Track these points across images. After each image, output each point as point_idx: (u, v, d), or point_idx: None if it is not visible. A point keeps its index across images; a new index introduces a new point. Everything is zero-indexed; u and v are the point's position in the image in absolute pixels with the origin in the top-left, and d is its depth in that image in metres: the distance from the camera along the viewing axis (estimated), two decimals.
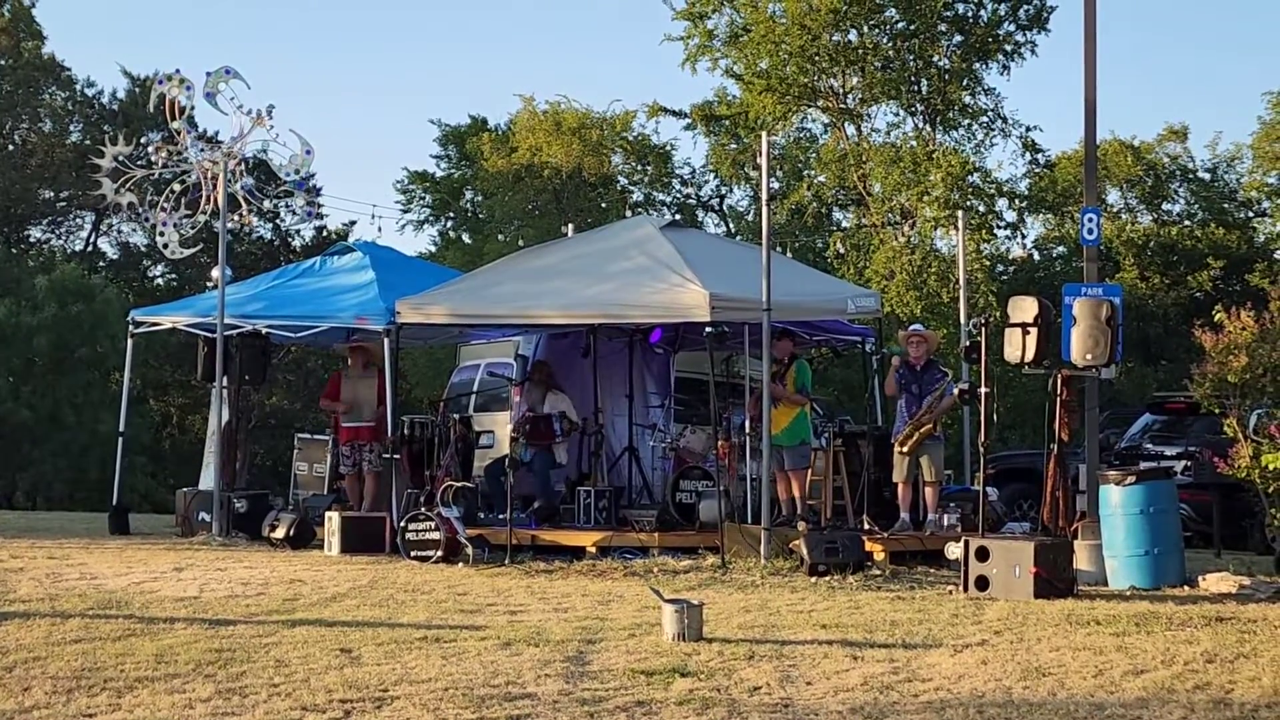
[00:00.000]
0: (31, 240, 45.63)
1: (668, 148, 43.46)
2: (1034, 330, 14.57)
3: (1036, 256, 41.88)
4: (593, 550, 16.08)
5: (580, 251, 19.92)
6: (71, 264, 40.91)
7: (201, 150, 23.20)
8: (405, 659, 10.42)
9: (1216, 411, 16.85)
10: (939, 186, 32.17)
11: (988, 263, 33.27)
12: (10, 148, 43.60)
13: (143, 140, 29.39)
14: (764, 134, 21.00)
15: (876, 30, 33.84)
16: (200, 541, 17.46)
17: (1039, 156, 36.76)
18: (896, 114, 35.36)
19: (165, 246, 23.79)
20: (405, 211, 46.40)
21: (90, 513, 21.28)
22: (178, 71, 23.02)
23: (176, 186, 22.35)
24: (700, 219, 42.64)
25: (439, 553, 15.44)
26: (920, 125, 34.82)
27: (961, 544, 14.02)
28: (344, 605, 12.73)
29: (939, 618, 12.30)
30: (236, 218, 22.58)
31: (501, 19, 73.10)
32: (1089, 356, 14.76)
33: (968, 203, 31.48)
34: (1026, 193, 37.57)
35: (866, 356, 21.00)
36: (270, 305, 19.79)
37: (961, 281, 21.09)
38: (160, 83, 23.29)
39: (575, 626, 11.68)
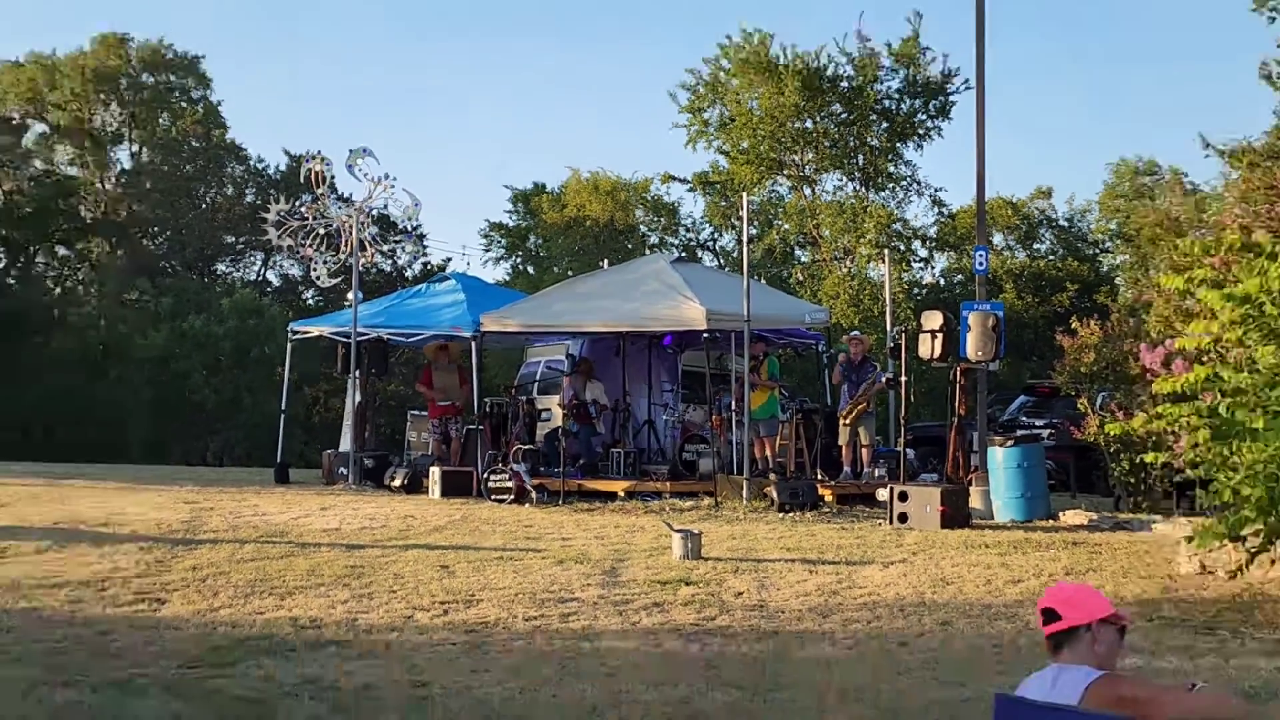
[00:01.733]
0: (218, 273, 45.55)
1: (676, 204, 43.27)
2: (940, 335, 14.53)
3: (942, 282, 41.75)
4: (622, 494, 16.05)
5: (613, 279, 19.95)
6: (247, 289, 40.99)
7: (340, 207, 23.21)
8: (487, 573, 10.49)
9: (1073, 394, 16.87)
10: (871, 232, 32.11)
11: (906, 287, 33.14)
12: (204, 206, 43.68)
13: (298, 200, 29.37)
14: (744, 195, 21.04)
15: (826, 119, 33.76)
16: (339, 489, 17.51)
17: (943, 210, 36.60)
18: (840, 180, 35.23)
19: (317, 278, 23.90)
20: (486, 250, 46.19)
21: (261, 468, 21.35)
22: (319, 151, 23.11)
23: (321, 231, 22.41)
24: (699, 256, 42.48)
25: (511, 496, 15.47)
26: (857, 188, 34.70)
27: (888, 490, 14.05)
28: (443, 534, 12.78)
29: (872, 542, 12.32)
30: (365, 256, 22.61)
31: (557, 106, 72.92)
32: (980, 354, 14.73)
33: (892, 244, 31.37)
34: (934, 236, 37.41)
35: (819, 355, 20.94)
36: (389, 318, 19.86)
37: (887, 300, 20.97)
38: (307, 161, 23.31)
39: (610, 549, 11.73)
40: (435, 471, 16.43)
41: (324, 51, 69.48)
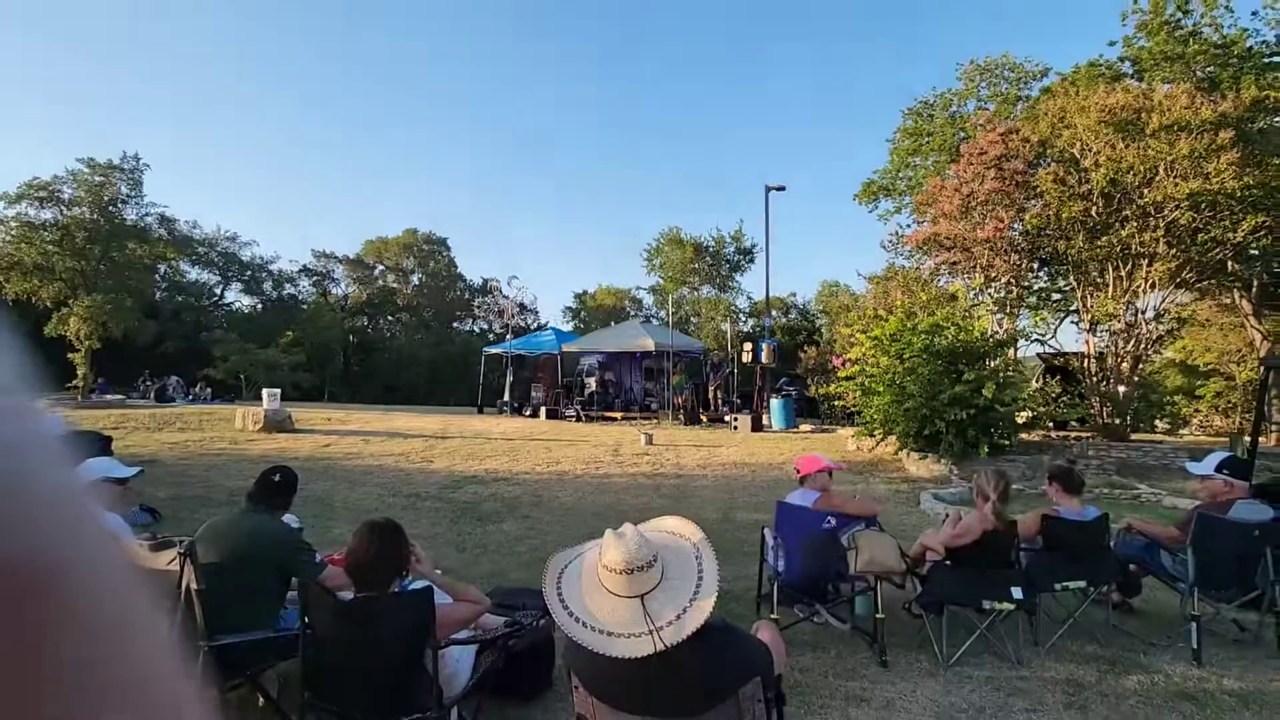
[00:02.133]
0: (454, 329, 44.99)
1: (642, 301, 43.20)
2: (751, 352, 14.57)
3: (752, 330, 41.59)
4: (619, 418, 15.95)
5: (615, 330, 19.89)
6: (465, 335, 40.55)
7: (504, 298, 23.12)
8: (563, 450, 10.39)
9: (805, 378, 16.92)
10: (723, 310, 32.20)
11: (738, 332, 33.10)
12: (447, 300, 42.96)
13: (486, 295, 29.10)
14: (669, 295, 21.06)
15: (702, 264, 33.93)
16: (503, 414, 17.34)
17: (752, 300, 36.60)
18: (710, 288, 35.25)
19: (497, 329, 23.77)
20: (564, 316, 46.10)
21: (468, 406, 21.18)
22: (495, 278, 23.11)
23: (495, 309, 22.38)
24: (650, 321, 42.27)
25: (574, 418, 15.37)
26: (718, 292, 34.74)
27: (731, 415, 14.02)
28: (545, 434, 12.63)
29: (724, 436, 12.28)
30: (513, 320, 22.45)
31: (596, 264, 70.63)
32: (767, 361, 14.74)
33: (731, 315, 31.38)
34: (748, 312, 37.34)
35: (701, 360, 20.91)
36: (524, 346, 19.69)
37: (729, 338, 20.98)
38: (489, 281, 23.30)
39: (614, 440, 11.65)
40: (543, 408, 16.26)
41: (498, 226, 67.43)
